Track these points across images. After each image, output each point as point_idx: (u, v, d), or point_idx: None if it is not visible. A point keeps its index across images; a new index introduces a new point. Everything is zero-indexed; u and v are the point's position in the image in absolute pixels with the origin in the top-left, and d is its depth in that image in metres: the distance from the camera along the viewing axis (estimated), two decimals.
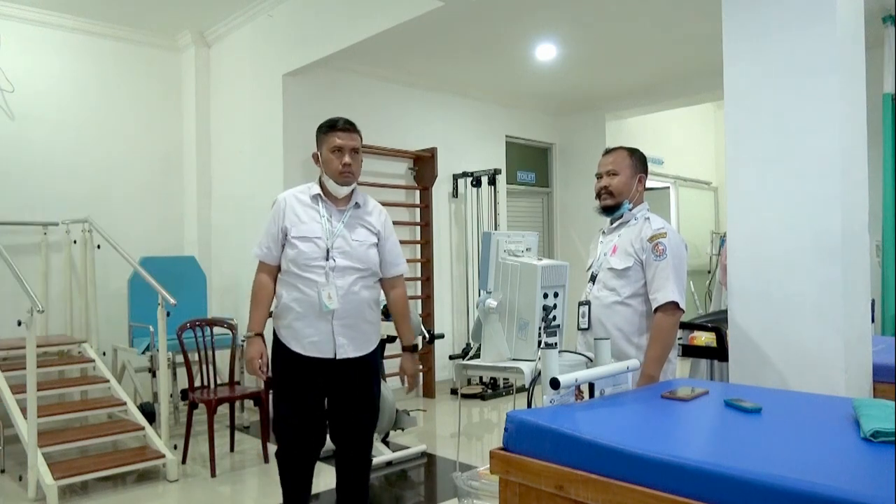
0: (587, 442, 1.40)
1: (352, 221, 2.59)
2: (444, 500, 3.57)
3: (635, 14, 4.73)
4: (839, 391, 2.21)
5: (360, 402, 2.66)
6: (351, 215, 2.60)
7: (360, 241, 2.57)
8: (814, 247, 2.33)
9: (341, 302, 2.50)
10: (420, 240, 6.13)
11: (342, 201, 2.62)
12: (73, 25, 5.17)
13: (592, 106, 7.20)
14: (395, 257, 2.70)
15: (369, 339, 2.63)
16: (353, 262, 2.53)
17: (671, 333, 2.39)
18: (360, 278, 2.54)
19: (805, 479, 1.11)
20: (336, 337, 2.52)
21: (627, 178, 2.55)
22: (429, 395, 6.03)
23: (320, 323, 2.51)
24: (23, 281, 3.71)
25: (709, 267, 7.87)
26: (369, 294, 2.60)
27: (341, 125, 2.60)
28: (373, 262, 2.59)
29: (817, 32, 2.34)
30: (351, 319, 2.54)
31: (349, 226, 2.57)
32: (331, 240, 2.53)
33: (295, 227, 2.54)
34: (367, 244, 2.58)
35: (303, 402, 2.60)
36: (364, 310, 2.58)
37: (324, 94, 5.49)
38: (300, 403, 2.60)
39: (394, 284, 2.72)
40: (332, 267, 2.50)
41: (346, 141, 2.58)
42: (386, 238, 2.66)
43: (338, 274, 2.51)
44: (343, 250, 2.53)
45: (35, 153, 5.00)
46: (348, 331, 2.54)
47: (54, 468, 3.51)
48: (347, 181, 2.58)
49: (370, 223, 2.63)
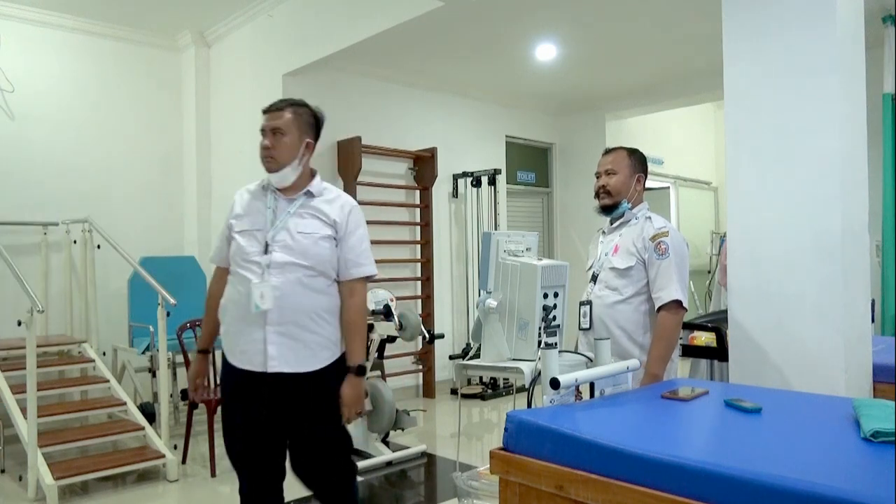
0: (587, 442, 1.40)
1: (301, 212, 2.19)
2: (444, 500, 3.57)
3: (635, 14, 4.73)
4: (839, 391, 2.21)
5: (306, 436, 2.21)
6: (301, 205, 2.20)
7: (306, 233, 2.15)
8: (814, 247, 2.33)
9: (276, 303, 2.09)
10: (420, 240, 6.13)
11: (291, 190, 2.23)
12: (73, 25, 5.17)
13: (592, 106, 7.20)
14: (357, 256, 2.20)
15: (314, 353, 2.15)
16: (296, 258, 2.12)
17: (675, 332, 2.40)
18: (303, 277, 2.12)
19: (805, 479, 1.11)
20: (267, 346, 2.10)
21: (625, 178, 2.56)
22: (429, 395, 6.03)
23: (252, 328, 2.12)
24: (23, 281, 3.71)
25: (709, 267, 7.87)
26: (317, 298, 2.15)
27: (268, 106, 2.27)
28: (323, 259, 2.15)
29: (817, 32, 2.34)
30: (288, 326, 2.11)
31: (297, 216, 2.18)
32: (272, 232, 2.15)
33: (238, 220, 2.23)
34: (315, 237, 2.15)
35: (242, 424, 2.21)
36: (307, 315, 2.13)
37: (324, 94, 5.49)
38: (239, 427, 2.22)
39: (352, 290, 2.21)
40: (268, 262, 2.11)
41: (266, 122, 2.23)
42: (348, 233, 2.20)
43: (275, 270, 2.11)
44: (285, 244, 2.13)
45: (35, 153, 5.00)
46: (284, 340, 2.11)
47: (54, 468, 3.51)
48: (268, 166, 2.20)
49: (324, 213, 2.19)
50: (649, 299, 2.45)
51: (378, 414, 4.17)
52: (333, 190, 2.29)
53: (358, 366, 2.20)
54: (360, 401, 2.20)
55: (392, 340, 4.23)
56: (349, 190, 5.49)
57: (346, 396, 2.17)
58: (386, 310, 4.15)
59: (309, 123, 2.26)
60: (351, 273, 2.20)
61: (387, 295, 4.27)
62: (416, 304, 5.98)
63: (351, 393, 2.18)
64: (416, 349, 5.86)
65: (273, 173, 2.20)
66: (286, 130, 2.20)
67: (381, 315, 4.17)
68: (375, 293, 4.28)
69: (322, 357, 2.17)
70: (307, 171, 2.27)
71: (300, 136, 2.22)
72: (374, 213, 5.68)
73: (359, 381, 2.20)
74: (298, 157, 2.21)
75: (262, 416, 2.16)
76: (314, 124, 2.29)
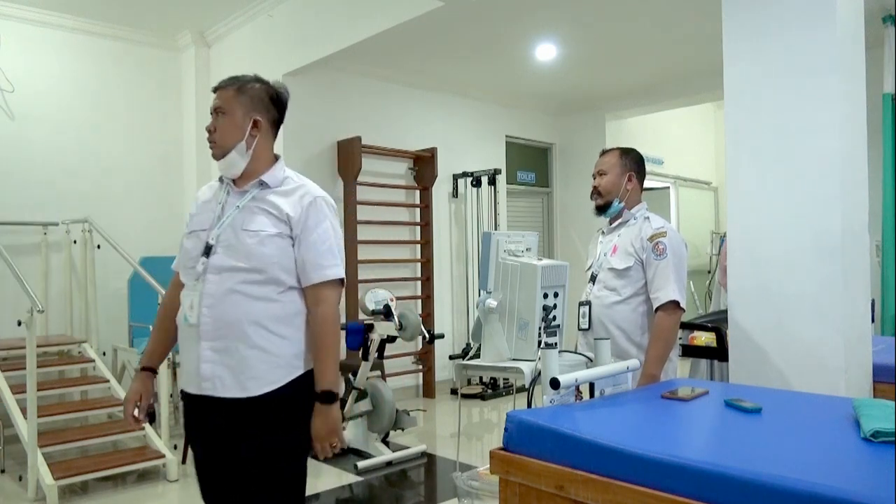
0: (587, 442, 1.40)
1: (251, 206, 1.84)
2: (444, 500, 3.57)
3: (635, 14, 4.73)
4: (839, 391, 2.21)
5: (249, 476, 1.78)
6: (253, 198, 1.85)
7: (252, 230, 1.80)
8: (814, 247, 2.33)
9: (210, 314, 1.76)
10: (420, 240, 6.13)
11: (244, 180, 1.89)
12: (73, 25, 5.17)
13: (592, 106, 7.20)
14: (318, 257, 1.81)
15: (258, 374, 1.76)
16: (236, 260, 1.78)
17: (672, 332, 2.40)
18: (245, 283, 1.77)
19: (805, 479, 1.11)
20: (200, 364, 1.77)
21: (615, 177, 2.57)
22: (429, 395, 6.03)
23: (190, 345, 1.82)
24: (23, 281, 3.71)
25: (709, 267, 7.87)
26: (264, 307, 1.78)
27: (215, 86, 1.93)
28: (268, 261, 1.78)
29: (817, 32, 2.34)
30: (225, 342, 1.76)
31: (246, 211, 1.84)
32: (216, 230, 1.83)
33: (191, 220, 1.94)
34: (262, 235, 1.79)
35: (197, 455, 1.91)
36: (249, 328, 1.76)
37: (324, 94, 5.49)
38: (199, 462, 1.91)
39: (317, 298, 1.81)
40: (204, 266, 1.80)
41: (213, 103, 1.91)
42: (307, 229, 1.82)
43: (212, 276, 1.78)
44: (228, 244, 1.80)
45: (35, 153, 5.00)
46: (221, 357, 1.76)
47: (54, 468, 3.51)
48: (212, 153, 1.90)
49: (277, 207, 1.82)
50: (648, 300, 2.45)
51: (378, 414, 4.17)
52: (296, 179, 1.92)
53: (325, 391, 1.77)
54: (333, 433, 1.79)
55: (392, 340, 4.23)
56: (349, 190, 5.49)
57: (317, 430, 1.79)
58: (386, 310, 4.16)
59: (259, 99, 1.89)
60: (311, 277, 1.81)
61: (387, 295, 4.27)
62: (416, 304, 5.98)
63: (322, 425, 1.78)
64: (416, 349, 5.87)
65: (218, 161, 1.89)
66: (227, 109, 1.87)
67: (381, 315, 4.17)
68: (375, 293, 4.28)
69: (271, 378, 1.77)
70: (264, 157, 1.90)
71: (245, 114, 1.86)
72: (374, 214, 5.69)
73: (329, 410, 1.78)
74: (244, 140, 1.85)
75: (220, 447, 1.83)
76: (269, 101, 1.91)
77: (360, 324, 4.22)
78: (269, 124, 1.91)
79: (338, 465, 4.07)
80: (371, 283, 5.36)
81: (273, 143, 1.95)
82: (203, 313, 1.77)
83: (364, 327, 4.18)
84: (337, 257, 1.85)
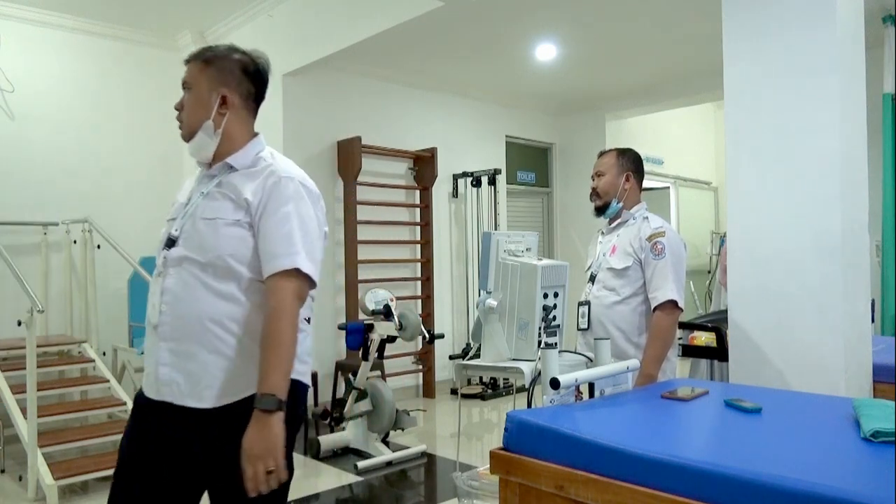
0: (587, 442, 1.40)
1: (214, 191, 1.64)
2: (444, 500, 3.57)
3: (635, 14, 4.73)
4: (839, 391, 2.21)
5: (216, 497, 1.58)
6: (220, 183, 1.65)
7: (210, 218, 1.60)
8: (814, 246, 2.33)
9: (169, 311, 1.58)
10: (420, 240, 6.13)
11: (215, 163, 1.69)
12: (73, 25, 5.17)
13: (592, 106, 7.20)
14: (273, 245, 1.56)
15: (215, 383, 1.54)
16: (192, 251, 1.59)
17: (670, 332, 2.40)
18: (202, 277, 1.57)
19: (805, 479, 1.11)
20: (159, 367, 1.58)
21: (613, 178, 2.58)
22: (429, 395, 6.03)
23: (150, 345, 1.63)
24: (23, 281, 3.71)
25: (709, 267, 7.87)
26: (223, 306, 1.56)
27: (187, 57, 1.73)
28: (225, 252, 1.56)
29: (817, 32, 2.34)
30: (182, 343, 1.56)
31: (209, 197, 1.64)
32: (181, 219, 1.66)
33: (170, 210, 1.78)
34: (219, 224, 1.58)
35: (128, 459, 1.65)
36: (207, 329, 1.55)
37: (324, 94, 5.49)
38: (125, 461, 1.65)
39: (272, 290, 1.55)
40: (165, 259, 1.64)
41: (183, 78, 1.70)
42: (266, 214, 1.57)
43: (172, 269, 1.61)
44: (187, 234, 1.62)
45: (35, 153, 5.00)
46: (178, 361, 1.56)
47: (54, 468, 3.51)
48: (181, 134, 1.71)
49: (238, 192, 1.60)
50: (647, 300, 2.45)
51: (378, 414, 4.17)
52: (268, 159, 1.68)
53: (265, 394, 1.45)
54: (269, 453, 1.43)
55: (392, 340, 4.23)
56: (349, 190, 5.49)
57: (249, 445, 1.44)
58: (386, 310, 4.16)
59: (228, 72, 1.66)
60: (267, 268, 1.56)
61: (387, 295, 4.28)
62: (416, 304, 5.98)
63: (256, 440, 1.43)
64: (416, 349, 5.87)
65: (187, 143, 1.70)
66: (192, 83, 1.67)
67: (381, 315, 4.18)
68: (375, 293, 4.28)
69: (230, 389, 1.54)
70: (239, 137, 1.68)
71: (212, 88, 1.65)
72: (374, 214, 5.69)
73: (269, 420, 1.44)
74: (211, 119, 1.64)
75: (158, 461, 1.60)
76: (241, 73, 1.68)
77: (360, 324, 4.23)
78: (242, 100, 1.69)
79: (338, 465, 4.07)
80: (371, 283, 5.36)
81: (251, 121, 1.74)
82: (163, 311, 1.59)
83: (364, 327, 4.19)
84: (297, 245, 1.56)
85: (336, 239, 5.52)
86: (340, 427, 4.39)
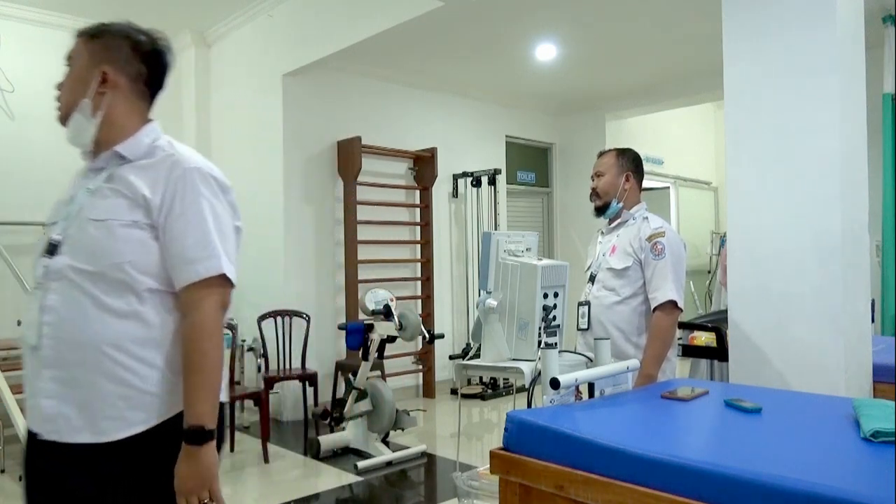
0: (587, 442, 1.40)
1: (104, 188, 1.39)
2: (444, 500, 3.57)
3: (635, 14, 4.74)
4: (839, 391, 2.21)
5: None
6: (110, 176, 1.40)
7: (99, 219, 1.34)
8: (814, 247, 2.33)
9: (51, 334, 1.35)
10: (420, 240, 6.13)
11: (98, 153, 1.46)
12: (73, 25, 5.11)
13: (592, 106, 7.20)
14: (187, 249, 1.34)
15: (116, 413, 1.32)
16: (79, 261, 1.33)
17: (670, 332, 2.40)
18: (92, 291, 1.32)
19: (805, 479, 1.11)
20: (40, 400, 1.36)
21: (612, 178, 2.58)
22: (429, 395, 6.03)
23: (30, 372, 1.41)
24: (23, 281, 3.71)
25: (709, 267, 7.87)
26: (123, 325, 1.32)
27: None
28: (120, 259, 1.32)
29: (817, 32, 2.34)
30: (72, 370, 1.33)
31: (97, 195, 1.39)
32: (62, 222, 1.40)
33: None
34: (113, 225, 1.33)
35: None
36: (101, 353, 1.31)
37: (324, 94, 5.49)
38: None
39: (190, 304, 1.34)
40: (45, 269, 1.37)
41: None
42: (174, 214, 1.35)
43: (53, 282, 1.35)
44: (73, 239, 1.36)
45: (35, 153, 4.99)
46: (67, 391, 1.33)
47: None
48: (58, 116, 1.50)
49: (133, 187, 1.36)
50: (647, 300, 2.45)
51: (378, 414, 4.17)
52: (167, 148, 1.45)
53: (194, 427, 1.30)
54: (202, 486, 1.30)
55: (392, 340, 4.23)
56: (349, 190, 5.49)
57: (181, 479, 1.30)
58: (386, 310, 4.16)
59: (115, 47, 1.46)
60: (179, 278, 1.34)
61: (387, 295, 4.28)
62: (416, 304, 5.98)
63: (188, 474, 1.30)
64: (416, 349, 5.86)
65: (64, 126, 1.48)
66: (73, 60, 1.46)
67: (381, 315, 4.18)
68: (375, 293, 4.29)
69: (134, 419, 1.32)
70: (125, 124, 1.45)
71: (92, 64, 1.43)
72: (374, 213, 5.68)
73: (200, 453, 1.30)
74: (89, 97, 1.42)
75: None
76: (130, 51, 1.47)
77: (360, 324, 4.23)
78: (130, 81, 1.46)
79: (338, 465, 4.07)
80: (371, 283, 5.36)
81: (145, 108, 1.52)
82: (44, 332, 1.35)
83: (364, 327, 4.19)
84: (216, 247, 1.35)
85: (336, 239, 5.52)
86: (340, 427, 4.39)
